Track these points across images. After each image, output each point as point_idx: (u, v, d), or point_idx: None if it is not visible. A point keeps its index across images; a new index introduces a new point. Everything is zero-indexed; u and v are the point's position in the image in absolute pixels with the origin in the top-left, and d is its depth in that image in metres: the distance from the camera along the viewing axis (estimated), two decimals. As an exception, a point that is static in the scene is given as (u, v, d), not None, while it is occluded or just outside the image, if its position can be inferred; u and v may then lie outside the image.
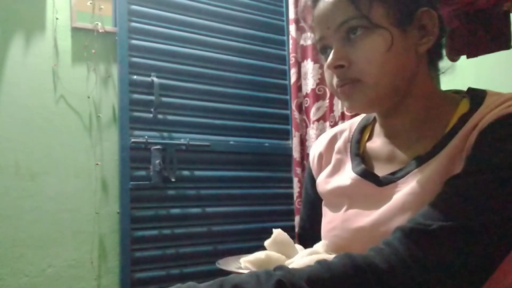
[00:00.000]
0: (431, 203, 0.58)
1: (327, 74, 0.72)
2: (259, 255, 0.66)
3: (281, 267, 0.54)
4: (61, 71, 2.08)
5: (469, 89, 0.71)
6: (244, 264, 0.67)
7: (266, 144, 2.56)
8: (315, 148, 0.87)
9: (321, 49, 0.73)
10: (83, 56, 2.13)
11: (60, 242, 2.00)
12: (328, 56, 0.69)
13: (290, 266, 0.56)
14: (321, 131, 2.29)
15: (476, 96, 0.67)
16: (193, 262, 2.24)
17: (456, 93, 0.73)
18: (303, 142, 2.42)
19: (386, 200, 0.67)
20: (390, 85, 0.67)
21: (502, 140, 0.58)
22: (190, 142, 2.27)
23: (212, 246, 2.30)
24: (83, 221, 2.05)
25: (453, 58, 1.38)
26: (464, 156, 0.62)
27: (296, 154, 2.40)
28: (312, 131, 2.35)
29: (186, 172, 2.28)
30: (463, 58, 1.39)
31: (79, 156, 2.08)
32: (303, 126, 2.43)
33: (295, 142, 2.42)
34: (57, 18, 2.08)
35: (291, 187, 2.46)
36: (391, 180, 0.69)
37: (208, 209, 2.32)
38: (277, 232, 0.71)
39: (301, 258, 0.67)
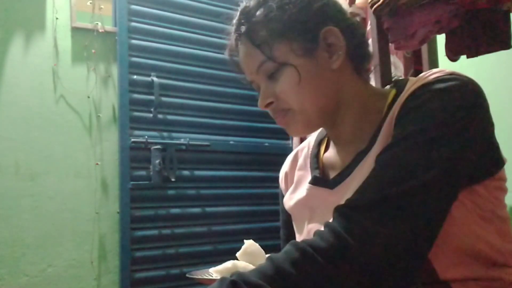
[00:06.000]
0: (363, 181, 0.60)
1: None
2: (226, 264, 0.68)
3: (237, 272, 0.56)
4: (61, 71, 2.08)
5: (395, 80, 0.76)
6: (214, 273, 0.69)
7: (266, 144, 2.56)
8: (282, 168, 0.92)
9: (256, 89, 0.78)
10: (83, 56, 2.13)
11: (60, 242, 2.00)
12: None
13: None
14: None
15: (400, 85, 0.71)
16: (193, 262, 2.24)
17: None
18: (303, 142, 2.42)
19: (340, 200, 0.69)
20: (315, 107, 0.72)
21: (417, 108, 0.61)
22: (190, 142, 2.27)
23: (212, 246, 2.30)
24: (83, 221, 2.05)
25: (453, 58, 1.38)
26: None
27: (296, 154, 2.40)
28: (312, 131, 2.35)
29: (186, 172, 2.28)
30: (463, 58, 1.39)
31: (79, 156, 2.08)
32: (303, 126, 2.43)
33: (295, 142, 2.42)
34: (57, 18, 2.08)
35: (291, 187, 2.46)
36: (341, 179, 0.72)
37: (208, 209, 2.32)
38: (248, 243, 0.73)
39: None
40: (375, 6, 1.26)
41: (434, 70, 0.66)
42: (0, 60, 1.97)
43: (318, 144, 0.85)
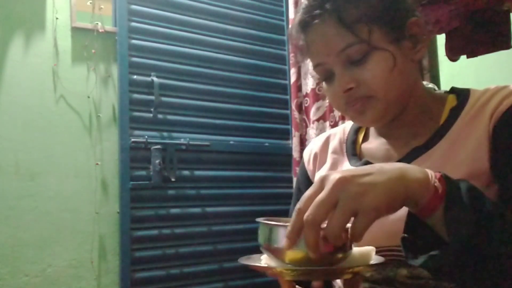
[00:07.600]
0: None
1: (332, 96, 0.73)
2: None
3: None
4: (61, 71, 2.08)
5: (452, 87, 0.77)
6: (265, 261, 0.64)
7: (266, 144, 2.56)
8: (310, 149, 0.89)
9: (320, 73, 0.74)
10: (83, 56, 2.13)
11: (60, 242, 2.00)
12: (330, 79, 0.72)
13: None
14: (321, 131, 2.29)
15: (461, 92, 0.74)
16: (193, 262, 2.24)
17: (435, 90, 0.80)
18: (303, 142, 2.42)
19: None
20: (397, 97, 0.71)
21: None
22: (190, 142, 2.27)
23: (212, 246, 2.30)
24: (83, 221, 2.05)
25: (453, 58, 1.38)
26: (473, 143, 0.65)
27: (296, 154, 2.40)
28: (312, 131, 2.35)
29: (186, 172, 2.28)
30: (463, 58, 1.39)
31: (79, 156, 2.08)
32: (303, 126, 2.43)
33: (295, 142, 2.42)
34: (57, 18, 2.08)
35: (291, 187, 2.46)
36: None
37: (208, 209, 2.32)
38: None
39: None
40: (375, 6, 1.26)
41: None
42: (0, 60, 1.97)
43: (356, 131, 0.84)
